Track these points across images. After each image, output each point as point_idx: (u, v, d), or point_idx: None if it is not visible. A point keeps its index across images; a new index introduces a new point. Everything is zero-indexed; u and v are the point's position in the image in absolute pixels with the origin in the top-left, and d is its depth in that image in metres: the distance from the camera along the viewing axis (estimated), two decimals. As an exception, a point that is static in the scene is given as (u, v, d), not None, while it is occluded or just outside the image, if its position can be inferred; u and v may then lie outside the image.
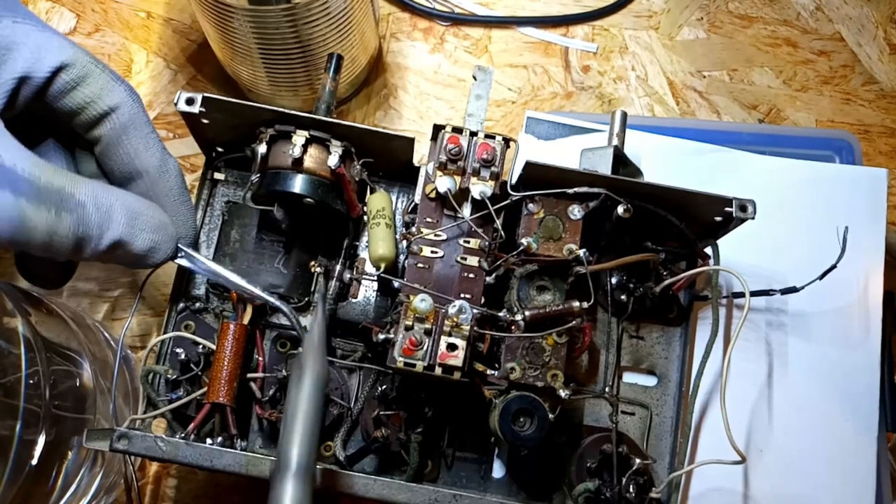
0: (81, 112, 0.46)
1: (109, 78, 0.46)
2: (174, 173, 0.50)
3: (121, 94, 0.47)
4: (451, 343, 0.48)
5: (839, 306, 0.65)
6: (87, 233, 0.42)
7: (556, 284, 0.52)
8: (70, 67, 0.45)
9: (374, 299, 0.56)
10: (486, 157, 0.51)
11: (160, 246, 0.47)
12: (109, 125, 0.47)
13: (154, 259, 0.47)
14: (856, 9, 0.82)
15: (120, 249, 0.44)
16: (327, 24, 0.64)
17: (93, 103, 0.46)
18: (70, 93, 0.45)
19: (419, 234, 0.52)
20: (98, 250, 0.43)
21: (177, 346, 0.55)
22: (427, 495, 0.48)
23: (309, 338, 0.45)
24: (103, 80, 0.46)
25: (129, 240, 0.44)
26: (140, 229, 0.45)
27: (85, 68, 0.45)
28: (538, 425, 0.49)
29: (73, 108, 0.46)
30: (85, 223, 0.42)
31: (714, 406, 0.61)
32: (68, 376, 0.59)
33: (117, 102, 0.46)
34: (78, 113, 0.46)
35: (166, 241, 0.47)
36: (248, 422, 0.56)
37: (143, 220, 0.45)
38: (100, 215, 0.42)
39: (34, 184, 0.39)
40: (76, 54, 0.45)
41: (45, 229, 0.40)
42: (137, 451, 0.48)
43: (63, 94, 0.45)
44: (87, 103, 0.46)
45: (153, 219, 0.46)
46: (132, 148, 0.47)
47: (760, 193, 0.53)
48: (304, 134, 0.52)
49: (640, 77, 0.79)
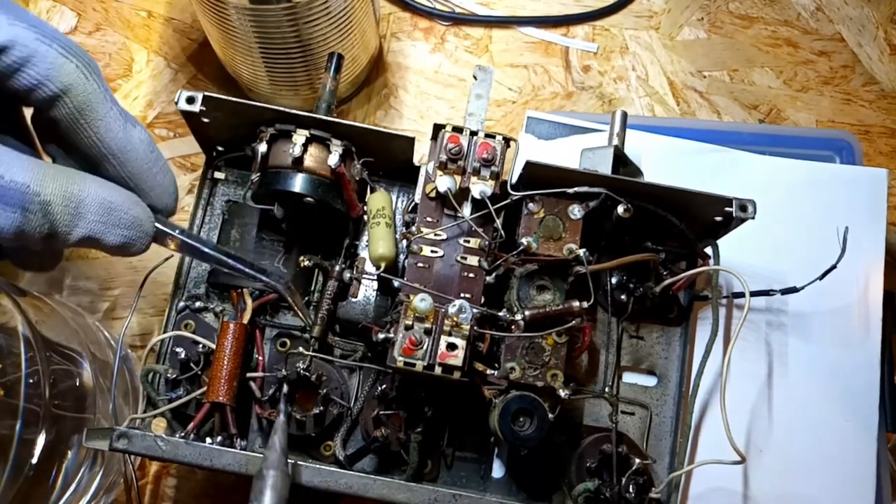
0: (31, 94, 0.42)
1: (59, 54, 0.42)
2: (142, 146, 0.46)
3: (71, 72, 0.42)
4: (451, 342, 0.48)
5: (839, 306, 0.65)
6: (55, 230, 0.40)
7: (556, 284, 0.52)
8: (11, 49, 0.40)
9: (374, 299, 0.56)
10: (486, 156, 0.51)
11: (134, 241, 0.44)
12: (64, 109, 0.43)
13: (128, 252, 0.45)
14: (856, 9, 0.82)
15: (91, 244, 0.42)
16: (328, 23, 0.64)
17: (41, 85, 0.42)
18: (14, 75, 0.41)
19: (419, 234, 0.52)
20: (68, 244, 0.41)
21: (177, 345, 0.55)
22: (426, 495, 0.48)
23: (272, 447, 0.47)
24: (51, 57, 0.42)
25: (102, 236, 0.42)
26: (112, 225, 0.43)
27: (28, 47, 0.41)
28: (538, 425, 0.49)
29: (21, 90, 0.42)
30: (52, 221, 0.40)
31: (714, 406, 0.61)
32: (68, 375, 0.59)
33: (69, 82, 0.42)
34: (27, 96, 0.42)
35: (140, 237, 0.45)
36: (247, 421, 0.56)
37: (117, 216, 0.43)
38: (68, 213, 0.40)
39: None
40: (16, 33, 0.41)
41: (12, 229, 0.38)
42: (137, 451, 0.48)
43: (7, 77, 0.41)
44: (35, 86, 0.41)
45: (127, 214, 0.43)
46: (92, 132, 0.44)
47: (761, 193, 0.53)
48: (305, 133, 0.52)
49: (640, 77, 0.79)
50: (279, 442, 0.47)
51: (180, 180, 0.74)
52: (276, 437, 0.47)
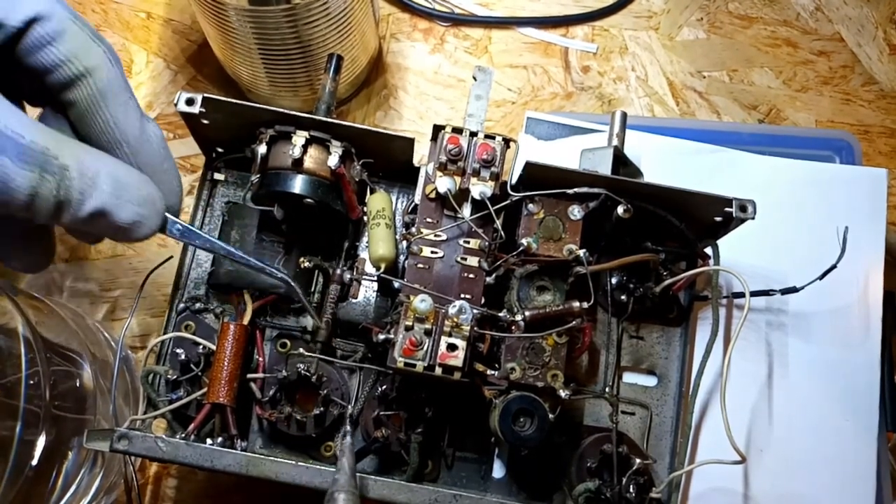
0: (55, 71, 0.42)
1: (88, 36, 0.42)
2: (156, 140, 0.46)
3: (99, 56, 0.43)
4: (452, 343, 0.48)
5: (839, 306, 0.65)
6: (67, 197, 0.39)
7: (556, 285, 0.52)
8: (45, 20, 0.41)
9: (374, 300, 0.56)
10: (486, 157, 0.51)
11: (146, 220, 0.43)
12: (86, 90, 0.43)
13: (138, 233, 0.44)
14: (855, 9, 0.82)
15: (102, 219, 0.42)
16: (327, 24, 0.64)
17: (68, 63, 0.42)
18: (44, 48, 0.41)
19: (419, 235, 0.52)
20: (78, 216, 0.40)
21: (177, 346, 0.55)
22: (427, 495, 0.48)
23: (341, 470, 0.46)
24: (81, 38, 0.42)
25: (113, 210, 0.42)
26: (126, 200, 0.42)
27: (62, 23, 0.41)
28: (538, 425, 0.49)
29: (46, 66, 0.42)
30: (66, 187, 0.39)
31: (714, 406, 0.61)
32: (68, 377, 0.59)
33: (94, 64, 0.43)
34: (51, 71, 0.42)
35: (153, 216, 0.44)
36: (248, 422, 0.56)
37: (131, 192, 0.42)
38: (83, 181, 0.40)
39: (17, 142, 0.37)
40: (53, 6, 0.41)
41: (28, 189, 0.38)
42: (138, 452, 0.48)
43: (36, 50, 0.41)
44: (62, 62, 0.42)
45: (141, 191, 0.43)
46: (110, 116, 0.44)
47: (760, 194, 0.53)
48: (304, 134, 0.52)
49: (639, 77, 0.79)
50: (348, 463, 0.47)
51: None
52: (344, 459, 0.47)
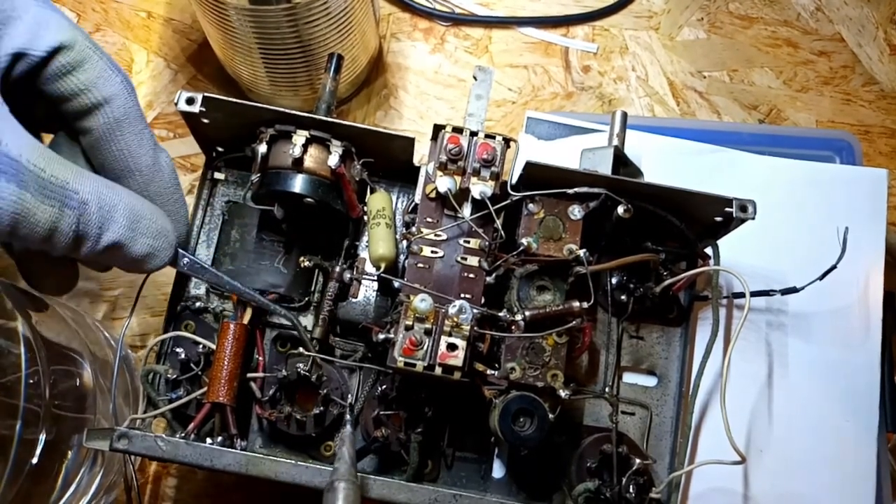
0: (73, 99, 0.43)
1: (106, 66, 0.44)
2: (167, 170, 0.48)
3: (116, 86, 0.44)
4: (452, 343, 0.48)
5: (839, 306, 0.65)
6: (86, 231, 0.41)
7: (556, 284, 0.52)
8: (68, 49, 0.42)
9: (374, 299, 0.56)
10: (486, 157, 0.51)
11: (159, 252, 0.45)
12: (102, 118, 0.44)
13: (151, 265, 0.46)
14: (856, 9, 0.82)
15: (118, 251, 0.43)
16: (328, 23, 0.64)
17: (87, 91, 0.43)
18: (65, 77, 0.42)
19: (419, 234, 0.52)
20: (96, 250, 0.42)
21: (177, 345, 0.55)
22: (427, 495, 0.48)
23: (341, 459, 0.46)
24: (100, 67, 0.43)
25: (129, 243, 0.43)
26: (140, 233, 0.44)
27: (83, 52, 0.43)
28: (538, 425, 0.49)
29: (66, 94, 0.43)
30: (85, 221, 0.40)
31: (714, 406, 0.61)
32: (68, 376, 0.59)
33: (112, 94, 0.44)
34: (69, 99, 0.43)
35: (165, 248, 0.46)
36: (248, 422, 0.56)
37: (145, 224, 0.44)
38: (101, 215, 0.41)
39: (39, 176, 0.38)
40: (76, 36, 0.42)
41: (48, 224, 0.38)
42: (138, 451, 0.48)
43: (57, 78, 0.42)
44: (81, 90, 0.43)
45: (155, 224, 0.45)
46: (125, 145, 0.45)
47: (761, 194, 0.53)
48: (305, 134, 0.52)
49: (640, 77, 0.79)
50: (348, 453, 0.47)
51: (180, 181, 0.74)
52: (344, 448, 0.47)
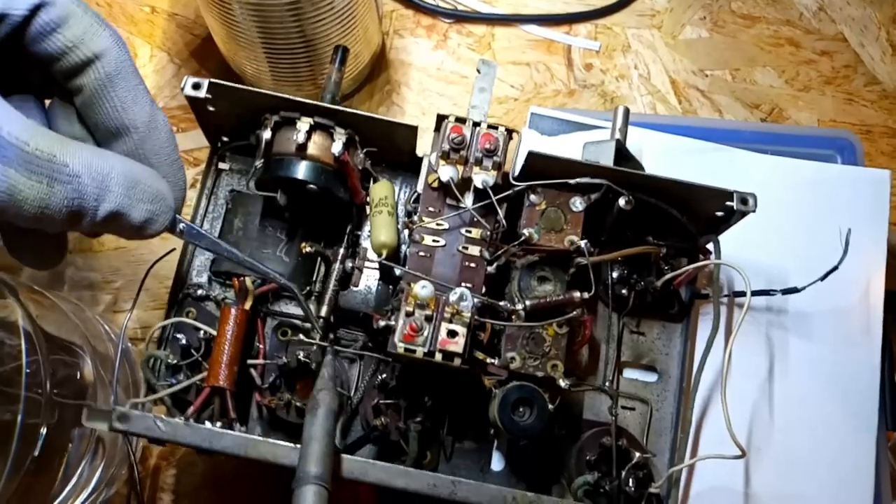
0: (62, 58, 0.41)
1: (93, 21, 0.42)
2: (164, 129, 0.45)
3: (106, 40, 0.42)
4: (452, 330, 0.48)
5: (841, 306, 0.65)
6: (82, 205, 0.39)
7: (556, 275, 0.52)
8: (50, 6, 0.40)
9: (375, 288, 0.56)
10: (488, 146, 0.51)
11: (157, 216, 0.43)
12: (94, 74, 0.42)
13: (150, 230, 0.43)
14: (858, 9, 0.82)
15: (117, 220, 0.41)
16: (331, 19, 0.64)
17: (75, 48, 0.41)
18: (50, 35, 0.40)
19: (421, 223, 0.52)
20: (95, 222, 0.40)
21: (178, 331, 0.55)
22: (426, 480, 0.48)
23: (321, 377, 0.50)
24: (87, 22, 0.41)
25: (127, 210, 0.41)
26: (138, 199, 0.41)
27: (66, 8, 0.41)
28: (538, 415, 0.49)
29: (53, 53, 0.41)
30: (80, 195, 0.38)
31: (714, 404, 0.61)
32: (69, 368, 0.59)
33: (103, 49, 0.42)
34: (58, 59, 0.41)
35: (164, 211, 0.43)
36: (247, 409, 0.56)
37: (141, 189, 0.42)
38: (96, 186, 0.39)
39: (23, 150, 0.36)
40: None
41: (36, 201, 0.36)
42: (137, 431, 0.47)
43: (42, 37, 0.40)
44: (69, 48, 0.41)
45: (151, 188, 0.42)
46: (119, 100, 0.43)
47: (762, 192, 0.53)
48: (309, 121, 0.52)
49: (642, 75, 0.79)
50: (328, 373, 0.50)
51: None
52: (325, 369, 0.51)
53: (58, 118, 0.45)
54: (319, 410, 0.47)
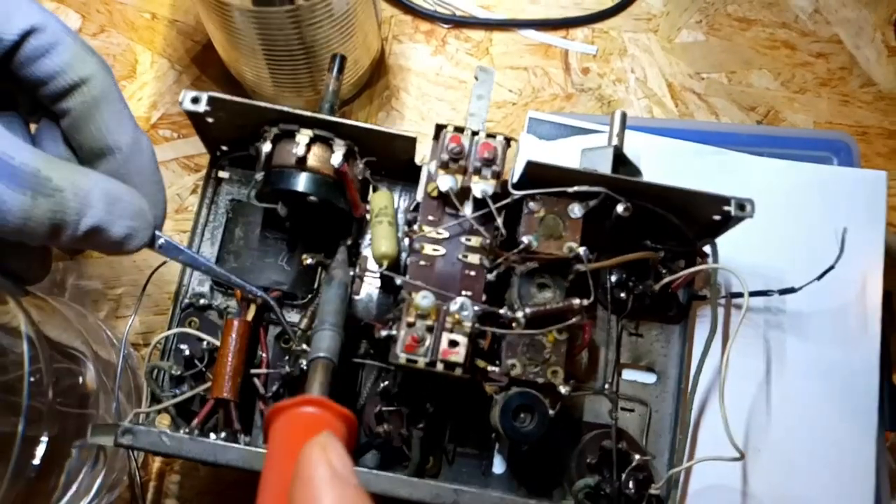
0: (50, 82, 0.43)
1: (81, 48, 0.44)
2: (147, 150, 0.47)
3: (92, 66, 0.44)
4: (453, 339, 0.48)
5: (838, 306, 0.66)
6: (64, 219, 0.40)
7: (556, 282, 0.53)
8: (40, 32, 0.42)
9: (376, 297, 0.57)
10: (487, 156, 0.52)
11: (137, 233, 0.45)
12: (80, 97, 0.44)
13: (130, 246, 0.45)
14: (854, 11, 0.83)
15: (97, 235, 0.42)
16: (330, 25, 0.65)
17: (63, 73, 0.43)
18: (39, 60, 0.42)
19: (421, 232, 0.52)
20: (76, 236, 0.41)
21: (181, 342, 0.55)
22: (429, 490, 0.48)
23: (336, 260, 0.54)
24: (74, 49, 0.43)
25: (107, 226, 0.42)
26: (118, 215, 0.43)
27: (56, 35, 0.42)
28: (538, 421, 0.50)
29: (42, 77, 0.43)
30: (62, 208, 0.40)
31: (712, 404, 0.62)
32: (71, 375, 0.59)
33: (89, 74, 0.44)
34: (46, 82, 0.43)
35: (144, 227, 0.45)
36: (251, 418, 0.56)
37: (122, 206, 0.43)
38: (78, 201, 0.40)
39: (9, 164, 0.37)
40: (46, 18, 0.42)
41: (20, 213, 0.38)
42: (142, 447, 0.48)
43: (31, 61, 0.42)
44: (57, 73, 0.43)
45: (131, 205, 0.44)
46: (104, 123, 0.44)
47: (759, 195, 0.54)
48: (308, 133, 0.52)
49: (639, 79, 0.80)
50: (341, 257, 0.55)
51: (184, 181, 0.74)
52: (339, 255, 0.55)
53: (44, 139, 0.46)
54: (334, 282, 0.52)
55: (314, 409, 0.37)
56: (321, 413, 0.37)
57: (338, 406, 0.37)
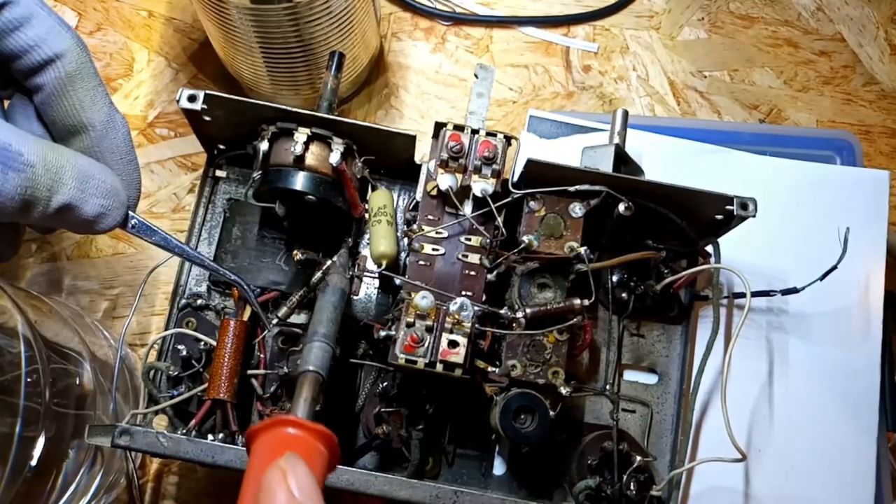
0: (23, 56, 0.42)
1: (55, 23, 0.43)
2: (122, 129, 0.46)
3: (67, 41, 0.43)
4: (453, 340, 0.48)
5: (840, 307, 0.65)
6: (34, 195, 0.39)
7: (557, 282, 0.52)
8: (12, 6, 0.41)
9: (375, 297, 0.56)
10: (487, 154, 0.51)
11: (110, 212, 0.44)
12: (54, 73, 0.43)
13: (102, 225, 0.44)
14: (857, 9, 0.82)
15: (68, 213, 0.42)
16: (329, 22, 0.64)
17: (36, 47, 0.42)
18: (12, 34, 0.42)
19: (421, 232, 0.52)
20: (46, 213, 0.41)
21: (178, 342, 0.55)
22: (428, 492, 0.48)
23: (334, 264, 0.53)
24: (49, 23, 0.43)
25: (79, 204, 0.42)
26: (90, 193, 0.42)
27: (29, 9, 0.42)
28: (539, 422, 0.49)
29: (15, 51, 0.42)
30: (33, 184, 0.39)
31: (714, 405, 0.61)
32: (68, 375, 0.59)
33: (63, 49, 0.43)
34: (19, 57, 0.42)
35: (117, 206, 0.44)
36: (249, 418, 0.56)
37: (94, 184, 0.43)
38: (49, 177, 0.40)
39: None
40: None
41: None
42: (139, 448, 0.48)
43: (4, 35, 0.41)
44: (31, 47, 0.42)
45: (104, 183, 0.43)
46: (77, 99, 0.44)
47: (761, 194, 0.53)
48: (306, 131, 0.52)
49: (640, 77, 0.79)
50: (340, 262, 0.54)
51: (181, 179, 0.74)
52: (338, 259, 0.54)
53: (16, 115, 0.45)
54: (329, 288, 0.51)
55: (292, 430, 0.36)
56: (297, 434, 0.36)
57: (314, 425, 0.36)
